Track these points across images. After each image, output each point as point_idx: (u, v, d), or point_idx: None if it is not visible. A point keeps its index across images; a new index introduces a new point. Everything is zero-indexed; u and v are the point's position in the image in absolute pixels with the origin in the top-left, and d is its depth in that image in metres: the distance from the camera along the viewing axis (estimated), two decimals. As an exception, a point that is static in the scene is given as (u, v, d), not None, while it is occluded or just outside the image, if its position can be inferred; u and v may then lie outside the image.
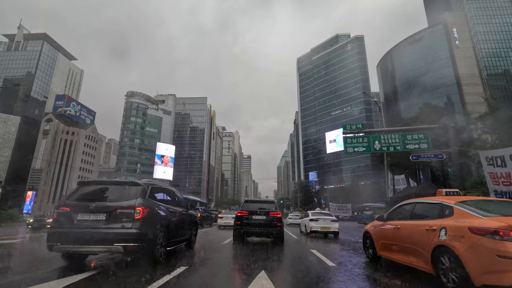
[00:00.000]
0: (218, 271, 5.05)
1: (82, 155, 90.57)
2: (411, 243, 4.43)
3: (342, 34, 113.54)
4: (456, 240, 3.51)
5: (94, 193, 5.07)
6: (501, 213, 3.61)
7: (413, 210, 4.87)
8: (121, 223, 4.56)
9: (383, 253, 5.44)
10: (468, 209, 3.78)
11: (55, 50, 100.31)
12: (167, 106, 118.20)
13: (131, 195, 4.91)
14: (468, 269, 3.25)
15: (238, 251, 7.60)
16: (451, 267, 3.55)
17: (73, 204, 4.77)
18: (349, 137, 14.31)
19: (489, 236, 3.17)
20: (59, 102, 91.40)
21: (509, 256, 2.94)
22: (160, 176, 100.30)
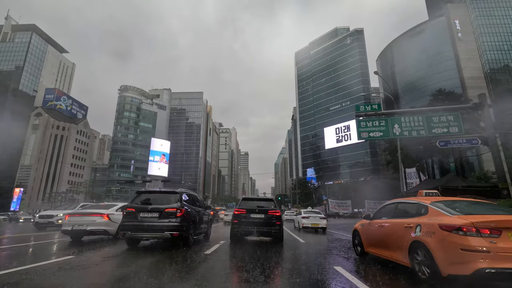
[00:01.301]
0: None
1: (74, 151, 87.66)
2: (393, 239, 4.85)
3: (341, 28, 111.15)
4: (429, 236, 3.93)
5: (149, 199, 7.29)
6: (467, 212, 4.04)
7: (395, 209, 5.30)
8: (168, 219, 6.82)
9: (370, 249, 5.87)
10: (440, 208, 4.23)
11: (45, 42, 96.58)
12: (162, 101, 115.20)
13: (173, 200, 7.24)
14: (437, 261, 3.68)
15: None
16: (423, 260, 3.97)
17: (136, 206, 7.02)
18: (364, 120, 12.09)
19: (455, 232, 3.61)
20: (49, 96, 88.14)
21: (470, 249, 3.39)
22: (155, 173, 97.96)
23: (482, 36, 77.80)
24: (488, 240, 3.40)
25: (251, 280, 3.87)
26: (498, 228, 3.44)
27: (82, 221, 8.02)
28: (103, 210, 8.52)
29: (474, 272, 3.29)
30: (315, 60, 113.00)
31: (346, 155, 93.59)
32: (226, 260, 6.00)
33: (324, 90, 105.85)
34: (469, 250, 3.39)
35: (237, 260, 5.98)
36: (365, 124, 11.98)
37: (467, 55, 73.92)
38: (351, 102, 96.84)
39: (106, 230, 8.23)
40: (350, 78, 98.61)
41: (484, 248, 3.33)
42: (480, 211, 4.11)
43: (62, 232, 8.17)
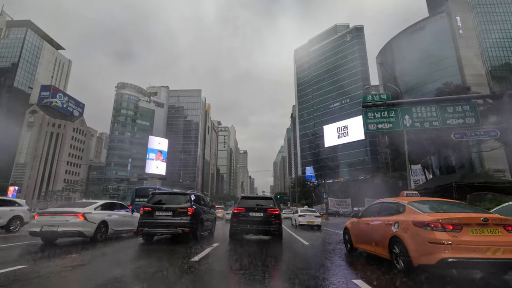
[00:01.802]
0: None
1: (70, 149, 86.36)
2: (376, 235, 5.40)
3: (341, 25, 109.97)
4: (404, 231, 4.48)
5: (164, 199, 8.47)
6: (436, 210, 4.64)
7: (380, 208, 5.89)
8: (180, 217, 7.92)
9: (358, 245, 6.32)
10: (415, 207, 4.82)
11: (40, 39, 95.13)
12: (159, 98, 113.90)
13: (183, 200, 8.34)
14: (410, 253, 4.22)
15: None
16: (400, 253, 4.51)
17: (152, 205, 8.14)
18: (371, 110, 11.09)
19: (424, 228, 4.15)
20: (45, 93, 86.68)
21: (436, 242, 3.93)
22: (153, 171, 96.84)
23: (484, 33, 76.99)
24: (451, 234, 3.98)
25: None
26: (459, 224, 4.04)
27: (53, 221, 7.02)
28: (79, 208, 7.53)
29: (438, 261, 3.86)
30: (315, 58, 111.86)
31: (345, 153, 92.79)
32: (218, 271, 4.88)
33: (324, 88, 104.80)
34: (435, 243, 3.96)
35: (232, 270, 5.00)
36: (373, 115, 11.01)
37: (469, 52, 73.07)
38: (351, 100, 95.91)
39: (81, 231, 7.23)
40: (349, 75, 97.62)
41: (448, 241, 3.93)
42: (447, 210, 4.67)
43: (30, 233, 7.11)
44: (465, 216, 4.21)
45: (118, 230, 8.86)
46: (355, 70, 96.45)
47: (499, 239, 3.94)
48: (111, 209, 8.74)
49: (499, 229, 4.05)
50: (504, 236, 3.98)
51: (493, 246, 3.85)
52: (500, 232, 4.01)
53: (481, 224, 4.04)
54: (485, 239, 3.93)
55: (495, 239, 3.94)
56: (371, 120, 10.95)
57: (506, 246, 3.85)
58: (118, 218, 8.84)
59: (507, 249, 3.82)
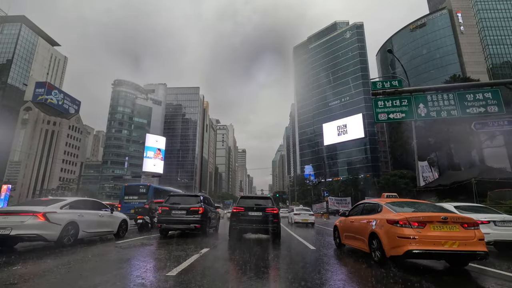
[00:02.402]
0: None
1: (65, 147, 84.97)
2: (359, 232, 6.14)
3: (341, 22, 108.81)
4: (380, 228, 5.21)
5: (178, 200, 9.98)
6: (406, 210, 5.40)
7: (363, 208, 6.70)
8: (193, 215, 9.25)
9: (345, 241, 7.14)
10: (390, 207, 5.54)
11: (35, 35, 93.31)
12: (157, 96, 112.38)
13: (195, 201, 9.78)
14: (384, 246, 4.97)
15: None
16: (376, 247, 5.25)
17: (169, 205, 9.49)
18: (382, 99, 10.04)
19: (395, 225, 4.88)
20: (40, 89, 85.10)
21: (403, 236, 4.65)
22: (150, 169, 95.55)
23: (485, 30, 76.11)
24: (416, 230, 4.67)
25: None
26: (423, 222, 4.73)
27: (5, 223, 5.77)
28: (39, 207, 6.23)
29: (404, 252, 4.57)
30: (314, 55, 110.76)
31: (345, 151, 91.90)
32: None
33: (323, 86, 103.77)
34: (402, 237, 4.68)
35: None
36: (383, 104, 9.96)
37: (470, 49, 72.25)
38: (350, 98, 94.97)
39: (41, 235, 5.96)
40: (349, 73, 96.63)
41: (413, 236, 4.61)
42: (416, 210, 5.33)
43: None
44: (428, 215, 4.88)
45: (92, 233, 7.66)
46: (355, 68, 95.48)
47: (456, 234, 4.65)
48: (85, 208, 7.51)
49: (456, 226, 4.73)
50: (461, 232, 4.68)
51: (450, 240, 4.56)
52: (457, 229, 4.71)
53: (441, 222, 4.73)
54: (444, 234, 4.62)
55: (453, 234, 4.65)
56: (381, 109, 9.90)
57: (461, 240, 4.57)
58: (93, 218, 7.60)
59: (462, 243, 4.54)
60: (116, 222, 8.56)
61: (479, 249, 4.56)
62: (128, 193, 16.78)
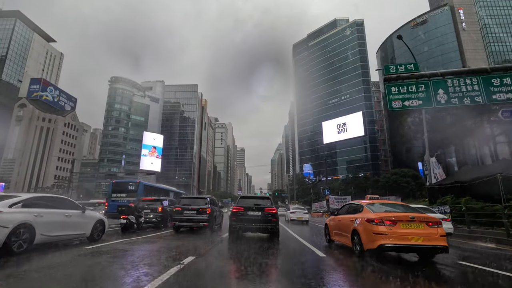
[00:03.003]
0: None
1: (61, 144, 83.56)
2: (344, 229, 6.96)
3: (341, 19, 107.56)
4: (360, 225, 6.03)
5: (189, 201, 11.50)
6: (382, 210, 6.16)
7: (348, 208, 7.56)
8: (202, 215, 10.63)
9: (334, 238, 7.99)
10: (369, 207, 6.37)
11: (30, 30, 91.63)
12: (155, 93, 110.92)
13: (203, 203, 11.17)
14: (363, 241, 5.78)
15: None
16: (357, 242, 6.09)
17: (182, 206, 10.90)
18: (396, 84, 8.93)
19: (371, 223, 5.67)
20: (34, 86, 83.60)
21: (377, 232, 5.45)
22: (147, 168, 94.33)
23: (487, 27, 75.16)
24: (388, 227, 5.45)
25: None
26: (394, 220, 5.50)
27: None
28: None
29: (377, 246, 5.37)
30: (313, 53, 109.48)
31: (344, 150, 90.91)
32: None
33: (323, 83, 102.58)
34: (376, 233, 5.47)
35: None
36: (397, 90, 8.85)
37: (472, 46, 71.27)
38: (350, 95, 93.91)
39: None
40: (349, 70, 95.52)
41: (385, 232, 5.40)
42: (389, 210, 6.20)
43: None
44: (398, 215, 5.63)
45: (55, 236, 6.28)
46: (355, 65, 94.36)
47: (421, 231, 5.39)
48: (46, 207, 6.17)
49: (422, 224, 5.46)
50: (425, 229, 5.43)
51: (416, 236, 5.32)
52: (423, 227, 5.45)
53: (409, 221, 5.47)
54: (411, 231, 5.37)
55: (418, 231, 5.39)
56: (395, 95, 8.80)
57: (425, 236, 5.34)
58: (56, 218, 6.26)
59: (426, 238, 5.32)
60: (89, 223, 7.32)
61: (440, 243, 5.34)
62: (116, 190, 15.58)
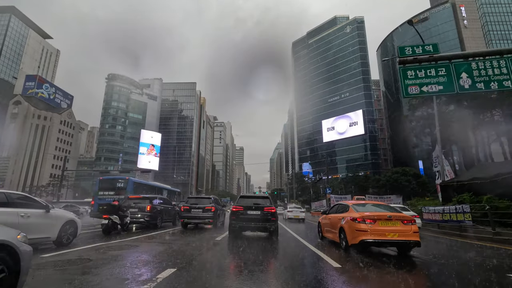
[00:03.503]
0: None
1: (57, 142, 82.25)
2: (333, 227, 7.84)
3: (341, 16, 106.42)
4: (346, 223, 6.85)
5: (196, 201, 12.59)
6: (364, 210, 6.96)
7: (337, 208, 8.38)
8: (207, 213, 11.83)
9: (326, 234, 8.81)
10: (354, 208, 7.20)
11: (26, 26, 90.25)
12: (152, 91, 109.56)
13: (208, 202, 12.37)
14: (347, 237, 6.63)
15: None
16: (343, 238, 6.91)
17: (190, 205, 12.01)
18: (412, 68, 7.92)
19: (354, 221, 6.50)
20: (30, 83, 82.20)
21: (359, 229, 6.29)
22: (145, 166, 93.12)
23: (488, 25, 74.31)
24: (368, 225, 6.27)
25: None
26: (374, 219, 6.33)
27: None
28: None
29: (359, 241, 6.22)
30: (313, 51, 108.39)
31: (344, 148, 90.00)
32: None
33: (322, 82, 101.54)
34: (359, 230, 6.30)
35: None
36: (414, 74, 7.83)
37: (474, 44, 70.34)
38: (350, 93, 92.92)
39: None
40: (349, 68, 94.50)
41: (366, 229, 6.23)
42: (370, 210, 7.03)
43: None
44: (377, 214, 6.57)
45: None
46: (355, 63, 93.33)
47: (397, 228, 6.27)
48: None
49: (398, 222, 6.34)
50: (401, 226, 6.29)
51: (392, 232, 6.18)
52: (398, 224, 6.32)
53: (387, 219, 6.35)
54: (388, 228, 6.25)
55: (395, 228, 6.26)
56: (412, 80, 7.79)
57: (400, 232, 6.19)
58: (5, 219, 5.01)
59: (401, 234, 6.16)
60: (55, 224, 6.14)
61: (413, 239, 6.11)
62: (103, 187, 14.49)
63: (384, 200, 55.40)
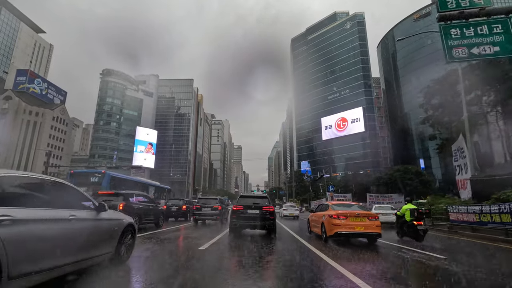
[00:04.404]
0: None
1: (49, 139, 79.85)
2: (317, 222, 9.49)
3: (341, 12, 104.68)
4: (325, 219, 8.50)
5: (205, 201, 15.46)
6: (339, 209, 8.79)
7: (321, 207, 10.43)
8: (215, 211, 14.71)
9: (313, 229, 10.44)
10: (333, 207, 9.12)
11: (17, 20, 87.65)
12: (148, 87, 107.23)
13: (215, 202, 15.29)
14: (326, 230, 8.25)
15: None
16: (323, 231, 8.55)
17: (201, 204, 14.84)
18: (457, 25, 6.09)
19: (331, 217, 8.18)
20: (21, 78, 79.69)
21: (334, 224, 8.00)
22: (140, 164, 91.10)
23: (491, 21, 72.81)
24: (341, 220, 8.02)
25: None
26: (346, 216, 8.11)
27: None
28: None
29: (334, 233, 7.93)
30: (312, 47, 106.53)
31: (344, 146, 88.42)
32: None
33: (322, 79, 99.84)
34: (334, 225, 8.01)
35: None
36: (460, 33, 6.06)
37: (477, 39, 68.97)
38: (350, 90, 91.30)
39: None
40: (349, 65, 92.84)
41: (339, 224, 7.95)
42: (344, 209, 8.87)
43: None
44: (349, 212, 8.36)
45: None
46: (355, 60, 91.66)
47: (364, 223, 8.07)
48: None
49: (365, 218, 8.17)
50: (367, 222, 8.10)
51: (359, 226, 7.98)
52: (365, 220, 8.13)
53: (356, 216, 8.17)
54: (357, 223, 8.04)
55: (362, 223, 8.06)
56: (458, 41, 6.01)
57: (366, 226, 8.00)
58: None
59: (366, 227, 7.97)
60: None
61: (376, 231, 8.04)
62: (75, 183, 12.57)
63: (385, 199, 54.01)
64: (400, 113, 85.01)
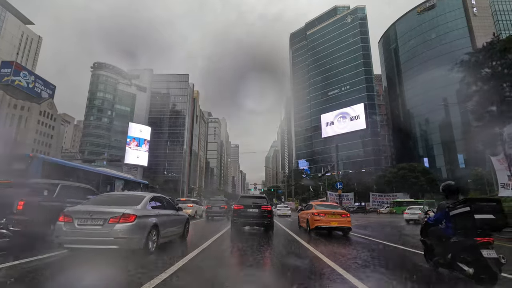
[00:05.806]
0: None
1: (36, 135, 75.89)
2: (304, 219, 11.82)
3: (341, 6, 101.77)
4: (310, 216, 10.82)
5: (214, 201, 20.67)
6: (320, 208, 11.21)
7: (307, 207, 13.26)
8: (222, 209, 19.13)
9: (301, 224, 12.71)
10: (315, 207, 11.42)
11: (2, 9, 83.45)
12: (142, 82, 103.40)
13: (222, 202, 20.60)
14: (309, 225, 10.77)
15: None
16: (308, 225, 10.91)
17: (211, 204, 19.56)
18: None
19: (313, 215, 10.56)
20: (5, 70, 75.59)
21: (315, 220, 10.41)
22: (133, 161, 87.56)
23: (497, 14, 70.36)
24: (320, 217, 10.33)
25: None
26: (325, 214, 10.39)
27: None
28: None
29: (315, 227, 10.30)
30: (312, 42, 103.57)
31: (344, 144, 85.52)
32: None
33: (321, 74, 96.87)
34: (315, 220, 10.31)
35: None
36: None
37: (483, 32, 66.10)
38: (351, 86, 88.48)
39: None
40: (350, 60, 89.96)
41: (319, 220, 10.29)
42: (324, 208, 11.06)
43: None
44: (327, 210, 10.56)
45: None
46: (356, 55, 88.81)
47: (337, 219, 10.23)
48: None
49: (339, 216, 10.34)
50: (340, 218, 10.28)
51: (334, 221, 10.18)
52: (339, 217, 10.32)
53: (332, 213, 10.37)
54: (332, 219, 10.20)
55: (336, 219, 10.22)
56: None
57: (339, 221, 10.22)
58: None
59: (339, 223, 10.21)
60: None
61: (346, 225, 10.29)
62: None
63: (390, 197, 51.04)
64: (403, 111, 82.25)
